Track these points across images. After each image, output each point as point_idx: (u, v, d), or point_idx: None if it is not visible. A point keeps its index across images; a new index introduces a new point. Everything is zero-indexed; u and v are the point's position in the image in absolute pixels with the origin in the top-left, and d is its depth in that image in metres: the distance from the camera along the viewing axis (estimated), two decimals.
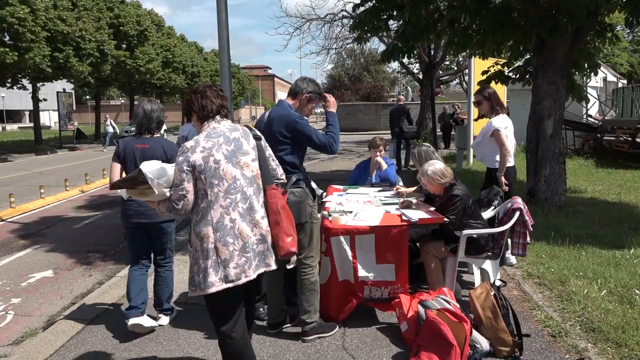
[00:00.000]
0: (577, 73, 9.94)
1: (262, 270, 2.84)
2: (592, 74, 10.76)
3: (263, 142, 3.05)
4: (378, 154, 5.82)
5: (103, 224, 9.05)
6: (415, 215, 4.21)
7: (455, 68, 32.64)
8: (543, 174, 8.17)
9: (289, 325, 4.09)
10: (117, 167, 4.12)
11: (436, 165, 4.36)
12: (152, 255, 4.36)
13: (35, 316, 5.03)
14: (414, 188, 5.11)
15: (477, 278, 4.41)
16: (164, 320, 4.34)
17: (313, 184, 5.55)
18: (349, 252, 4.07)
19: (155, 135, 4.24)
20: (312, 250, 3.86)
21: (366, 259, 4.09)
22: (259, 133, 3.07)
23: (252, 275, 2.77)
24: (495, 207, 4.79)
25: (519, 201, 4.34)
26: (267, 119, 3.87)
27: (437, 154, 5.15)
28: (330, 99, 3.97)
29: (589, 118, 16.53)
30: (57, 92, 29.79)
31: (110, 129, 28.95)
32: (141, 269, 4.28)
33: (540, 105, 8.19)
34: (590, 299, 4.30)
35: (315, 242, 3.88)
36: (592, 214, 7.58)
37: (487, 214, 4.70)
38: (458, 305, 3.67)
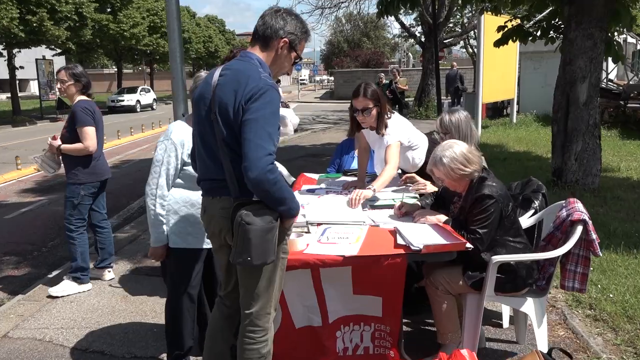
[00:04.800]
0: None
1: None
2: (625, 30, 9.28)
3: None
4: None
5: (41, 212, 7.56)
6: (419, 236, 2.63)
7: (460, 30, 30.55)
8: (573, 150, 6.66)
9: None
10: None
11: (455, 149, 2.77)
12: None
13: None
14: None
15: (506, 320, 2.95)
16: None
17: (284, 171, 4.05)
18: (312, 290, 2.61)
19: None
20: (270, 302, 2.29)
21: (338, 292, 2.65)
22: None
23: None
24: (535, 211, 3.22)
25: (579, 208, 2.72)
26: (216, 81, 2.18)
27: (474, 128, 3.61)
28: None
29: (609, 83, 14.87)
30: (36, 60, 28.03)
31: None
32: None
33: (572, 66, 6.60)
34: None
35: (276, 290, 2.31)
36: (636, 201, 6.12)
37: (523, 221, 3.14)
38: None
